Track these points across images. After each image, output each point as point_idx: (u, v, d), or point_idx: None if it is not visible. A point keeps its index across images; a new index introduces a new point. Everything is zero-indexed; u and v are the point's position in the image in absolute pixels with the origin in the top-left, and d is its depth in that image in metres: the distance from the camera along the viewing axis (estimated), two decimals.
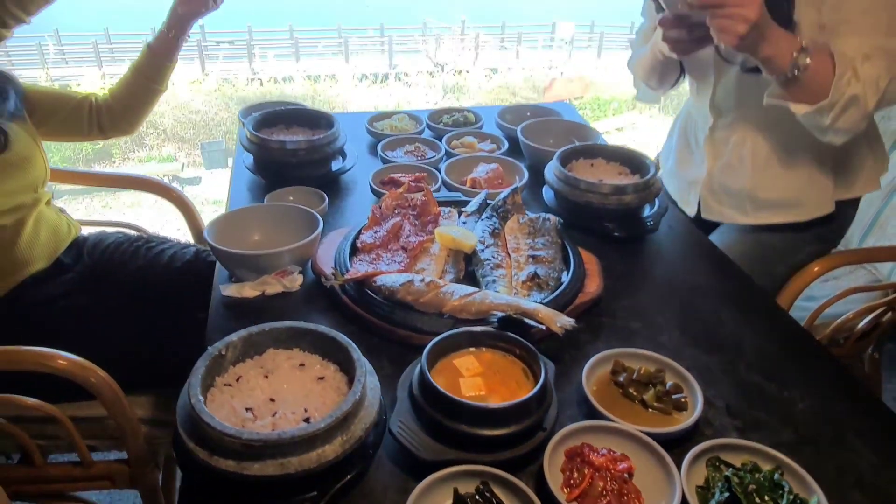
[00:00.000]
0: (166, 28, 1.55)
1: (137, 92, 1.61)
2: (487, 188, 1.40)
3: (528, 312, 0.96)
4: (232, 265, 1.14)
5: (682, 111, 1.67)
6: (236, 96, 13.72)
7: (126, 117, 1.64)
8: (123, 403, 1.21)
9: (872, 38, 1.13)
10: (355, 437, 0.75)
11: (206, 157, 12.07)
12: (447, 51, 15.87)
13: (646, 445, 0.82)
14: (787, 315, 1.15)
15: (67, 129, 1.62)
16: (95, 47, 16.09)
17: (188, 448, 0.72)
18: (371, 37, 18.72)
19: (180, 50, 1.59)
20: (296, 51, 17.41)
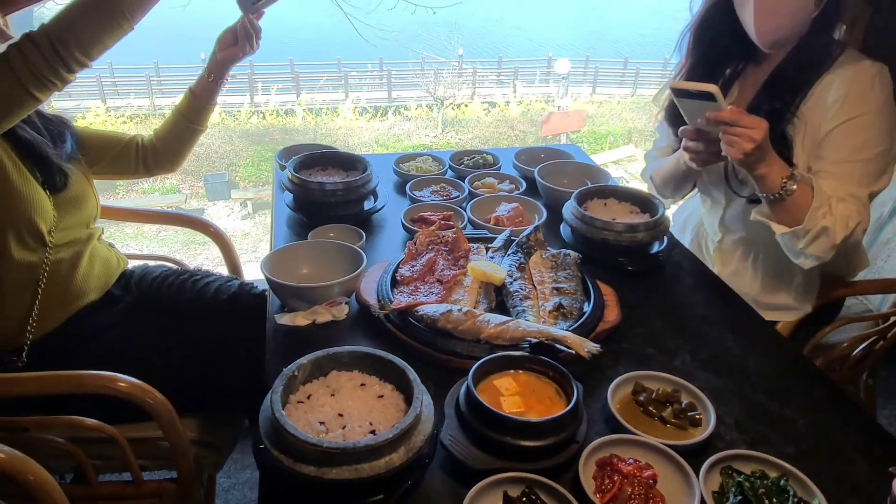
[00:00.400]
0: (206, 73, 1.68)
1: (180, 133, 1.74)
2: (510, 226, 1.53)
3: (558, 339, 1.08)
4: (286, 296, 1.26)
5: (690, 211, 1.84)
6: (238, 129, 13.97)
7: (169, 156, 1.77)
8: (177, 424, 1.31)
9: (847, 186, 1.33)
10: (416, 447, 0.86)
11: (209, 188, 12.24)
12: (445, 85, 16.18)
13: (667, 456, 0.93)
14: (787, 341, 1.27)
15: (116, 168, 1.75)
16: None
17: (273, 456, 0.84)
18: (370, 71, 19.07)
19: (219, 93, 1.73)
20: (296, 84, 17.70)
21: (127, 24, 1.29)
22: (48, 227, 1.41)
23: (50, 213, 1.42)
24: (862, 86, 1.36)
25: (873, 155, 1.34)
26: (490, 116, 15.81)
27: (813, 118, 1.40)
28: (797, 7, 1.35)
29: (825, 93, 1.39)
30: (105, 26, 1.27)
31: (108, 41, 1.29)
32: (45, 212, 1.41)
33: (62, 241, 1.46)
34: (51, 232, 1.43)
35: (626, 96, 18.28)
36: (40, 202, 1.39)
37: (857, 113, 1.35)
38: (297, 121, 14.99)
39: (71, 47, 1.24)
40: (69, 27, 1.24)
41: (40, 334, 1.46)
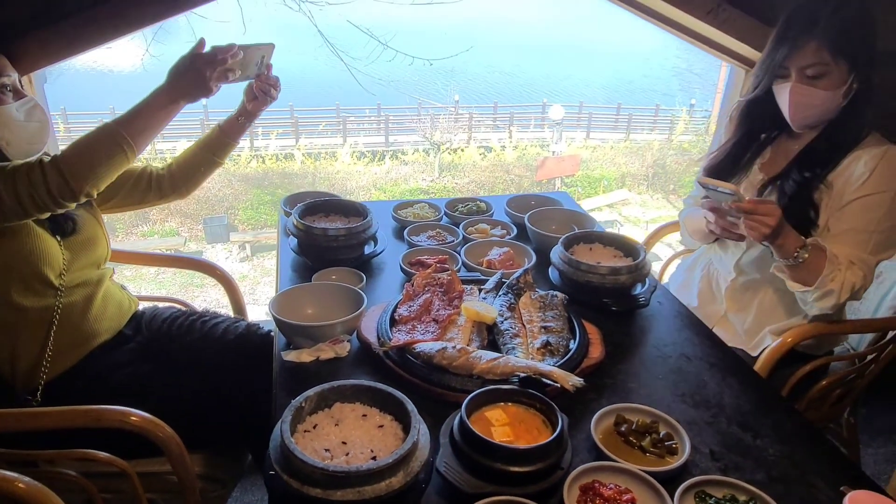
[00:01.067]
0: (237, 114, 1.79)
1: (201, 163, 1.83)
2: (501, 269, 1.62)
3: (544, 373, 1.17)
4: (292, 334, 1.35)
5: (701, 252, 2.00)
6: (238, 173, 14.17)
7: (186, 183, 1.85)
8: (186, 459, 1.37)
9: (859, 252, 1.52)
10: (413, 472, 0.94)
11: (208, 231, 12.37)
12: (442, 130, 16.51)
13: (645, 482, 1.01)
14: (760, 377, 1.36)
15: (130, 200, 1.83)
16: None
17: (283, 480, 0.91)
18: (368, 116, 19.44)
19: (244, 134, 1.84)
20: (296, 129, 18.02)
21: (132, 158, 1.44)
22: (57, 272, 1.49)
23: (59, 260, 1.50)
24: (888, 167, 1.53)
25: (886, 227, 1.53)
26: (486, 161, 16.09)
27: (838, 184, 1.58)
28: (826, 100, 1.54)
29: (853, 165, 1.57)
30: (114, 166, 1.41)
31: (115, 175, 1.44)
32: (54, 259, 1.49)
33: (73, 283, 1.54)
34: (61, 275, 1.51)
35: (620, 141, 18.64)
36: (48, 251, 1.47)
37: (879, 189, 1.53)
38: (295, 165, 15.23)
39: (84, 185, 1.36)
40: (85, 169, 1.36)
41: (54, 374, 1.54)
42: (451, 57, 6.00)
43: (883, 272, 2.01)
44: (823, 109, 1.57)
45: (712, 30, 2.15)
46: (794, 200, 1.59)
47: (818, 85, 1.53)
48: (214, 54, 1.46)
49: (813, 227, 1.60)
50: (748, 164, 1.77)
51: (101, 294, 1.64)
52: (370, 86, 6.75)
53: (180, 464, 1.37)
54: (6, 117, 1.46)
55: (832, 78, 1.52)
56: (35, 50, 1.76)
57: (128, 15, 1.82)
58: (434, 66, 11.62)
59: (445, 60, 6.11)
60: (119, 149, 1.39)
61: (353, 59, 5.14)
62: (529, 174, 14.90)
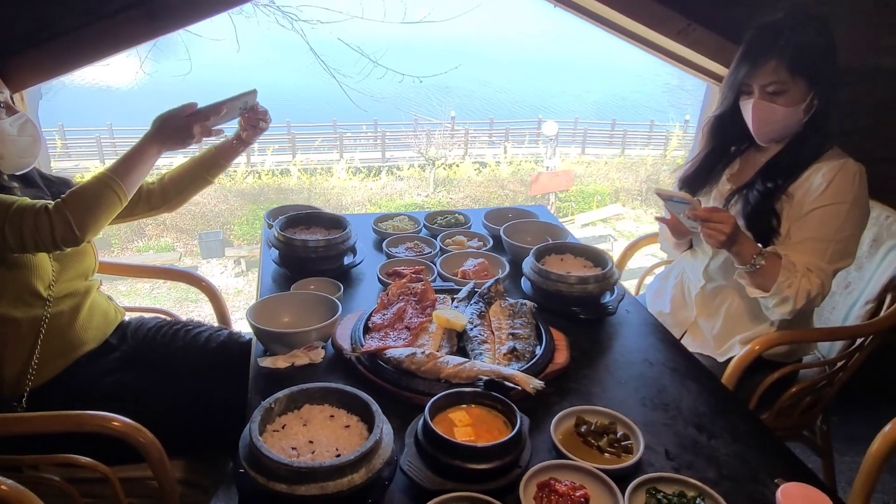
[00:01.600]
0: (233, 138, 1.85)
1: (193, 179, 1.87)
2: (475, 279, 1.68)
3: (507, 377, 1.22)
4: (268, 341, 1.40)
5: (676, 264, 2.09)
6: (234, 189, 14.25)
7: (177, 197, 1.89)
8: (166, 464, 1.41)
9: (817, 260, 1.59)
10: (375, 468, 0.98)
11: (203, 246, 12.41)
12: (437, 146, 16.63)
13: (600, 479, 1.06)
14: (719, 382, 1.41)
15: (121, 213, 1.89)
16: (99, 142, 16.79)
17: (250, 476, 0.96)
18: (365, 133, 19.57)
19: (237, 157, 1.90)
20: (293, 145, 18.12)
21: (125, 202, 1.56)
22: (46, 284, 1.55)
23: (49, 273, 1.55)
24: (844, 179, 1.61)
25: (843, 237, 1.60)
26: (481, 176, 16.19)
27: (798, 195, 1.66)
28: (787, 116, 1.62)
29: (812, 177, 1.65)
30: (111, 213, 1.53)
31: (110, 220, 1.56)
32: (44, 272, 1.54)
33: (62, 294, 1.59)
34: (50, 286, 1.56)
35: (614, 156, 18.79)
36: (38, 265, 1.53)
37: (837, 201, 1.60)
38: (291, 181, 15.31)
39: (87, 234, 1.47)
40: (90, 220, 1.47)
41: (40, 382, 1.58)
42: (440, 74, 6.10)
43: (851, 282, 2.07)
44: (785, 124, 1.65)
45: (685, 48, 2.22)
46: (756, 209, 1.67)
47: (778, 101, 1.61)
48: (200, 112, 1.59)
49: (775, 235, 1.67)
50: (718, 175, 1.85)
51: (88, 304, 1.68)
52: (365, 102, 6.85)
53: (160, 469, 1.41)
54: (0, 133, 1.52)
55: (791, 95, 1.60)
56: (27, 68, 1.82)
57: (118, 34, 1.88)
58: (430, 83, 11.72)
59: (440, 77, 6.22)
60: (115, 198, 1.51)
61: (344, 77, 5.23)
62: (524, 189, 15.00)
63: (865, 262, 2.03)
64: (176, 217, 12.94)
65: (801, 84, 1.59)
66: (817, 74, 1.59)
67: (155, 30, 1.92)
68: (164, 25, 1.92)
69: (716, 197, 1.84)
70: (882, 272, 1.93)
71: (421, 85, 5.97)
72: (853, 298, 2.03)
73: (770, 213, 1.67)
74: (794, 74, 1.58)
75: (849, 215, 1.60)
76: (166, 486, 1.44)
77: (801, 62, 1.57)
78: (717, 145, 1.85)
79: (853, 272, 2.07)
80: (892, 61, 2.36)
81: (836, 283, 2.13)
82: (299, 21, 4.68)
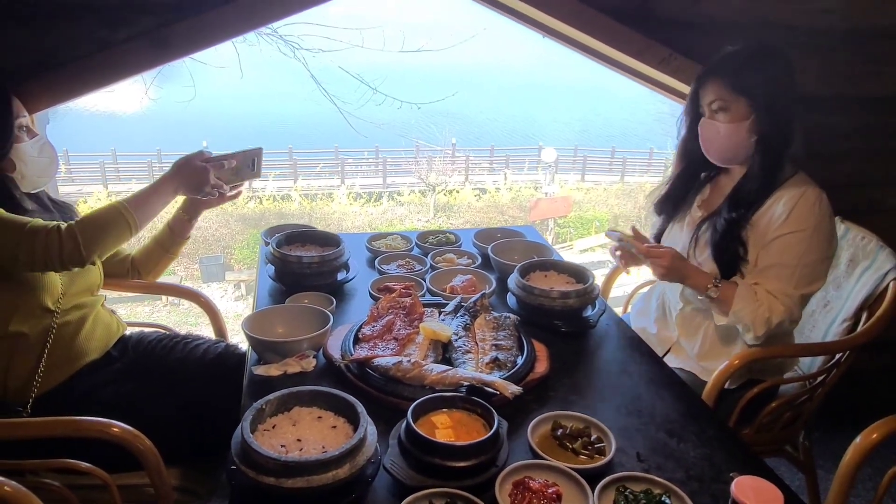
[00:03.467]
0: (183, 211, 1.95)
1: (156, 258, 2.00)
2: (462, 294, 1.75)
3: (487, 383, 1.29)
4: (262, 350, 1.47)
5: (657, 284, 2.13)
6: (236, 213, 14.38)
7: (148, 274, 2.03)
8: (162, 470, 1.47)
9: (783, 286, 1.66)
10: (359, 465, 1.05)
11: (204, 270, 12.49)
12: (437, 172, 16.80)
13: (572, 478, 1.12)
14: (691, 391, 1.47)
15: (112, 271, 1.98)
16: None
17: (241, 470, 1.02)
18: (366, 158, 19.79)
19: (192, 229, 2.00)
20: (294, 171, 18.32)
21: (134, 234, 1.64)
22: (55, 298, 1.63)
23: (58, 287, 1.64)
24: (804, 206, 1.67)
25: (808, 262, 1.65)
26: (481, 202, 16.35)
27: (762, 223, 1.71)
28: (731, 133, 1.70)
29: (774, 205, 1.70)
30: (120, 241, 1.62)
31: (117, 247, 1.66)
32: (54, 287, 1.63)
33: (69, 306, 1.67)
34: (59, 300, 1.64)
35: (614, 183, 18.95)
36: (48, 281, 1.61)
37: (798, 228, 1.66)
38: (293, 206, 15.46)
39: (92, 256, 1.54)
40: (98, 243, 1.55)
41: (44, 390, 1.64)
42: (437, 101, 6.24)
43: (830, 301, 2.13)
44: (732, 142, 1.71)
45: (667, 77, 2.32)
46: (723, 238, 1.73)
47: (720, 118, 1.70)
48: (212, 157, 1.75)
49: (742, 262, 1.74)
50: (690, 201, 1.92)
51: (93, 317, 1.76)
52: (366, 129, 6.98)
53: (157, 475, 1.46)
54: (23, 153, 1.65)
55: (733, 112, 1.68)
56: (40, 93, 1.91)
57: (126, 62, 1.97)
58: (432, 110, 11.88)
59: (441, 104, 6.37)
60: (126, 226, 1.59)
61: (344, 103, 5.37)
62: (523, 215, 15.12)
63: (843, 281, 2.10)
64: None
65: (742, 100, 1.67)
66: (755, 92, 1.66)
67: (161, 57, 2.02)
68: (169, 53, 2.02)
69: (689, 223, 1.90)
70: (858, 291, 2.00)
71: (423, 112, 6.12)
72: (832, 316, 2.10)
73: (736, 240, 1.73)
74: (735, 91, 1.67)
75: (811, 241, 1.66)
76: (162, 492, 1.49)
77: (740, 79, 1.66)
78: (685, 168, 1.93)
79: (832, 291, 2.14)
80: (865, 89, 2.46)
81: (815, 302, 2.20)
82: (301, 50, 4.82)
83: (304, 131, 22.85)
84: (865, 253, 2.04)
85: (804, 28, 2.34)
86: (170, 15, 1.92)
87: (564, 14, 2.18)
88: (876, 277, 1.94)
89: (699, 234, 1.82)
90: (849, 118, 2.49)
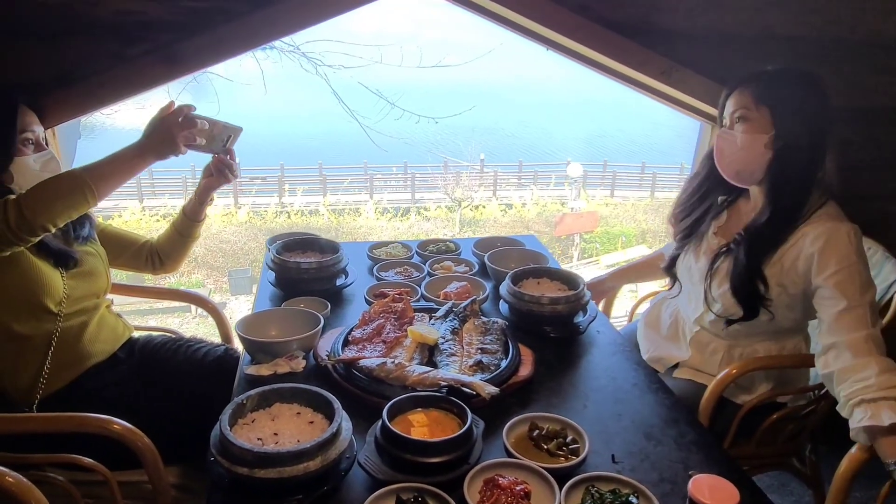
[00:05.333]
0: (195, 195, 2.00)
1: (175, 243, 2.05)
2: (456, 300, 1.78)
3: (465, 384, 1.32)
4: (253, 350, 1.51)
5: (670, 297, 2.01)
6: (265, 228, 14.64)
7: (169, 261, 2.08)
8: (160, 467, 1.51)
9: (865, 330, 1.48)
10: (331, 458, 1.08)
11: (232, 283, 12.71)
12: (465, 187, 16.89)
13: (543, 477, 1.14)
14: (672, 394, 1.48)
15: (129, 264, 2.07)
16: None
17: (217, 460, 1.07)
18: (395, 174, 19.99)
19: (205, 211, 2.04)
20: (323, 186, 18.59)
21: (94, 202, 1.59)
22: (57, 301, 1.68)
23: (59, 290, 1.68)
24: (839, 242, 1.54)
25: (869, 295, 1.52)
26: (507, 217, 16.36)
27: (787, 261, 1.61)
28: (746, 144, 1.61)
29: (802, 241, 1.59)
30: (73, 205, 1.55)
31: (74, 214, 1.58)
32: (55, 290, 1.67)
33: (72, 310, 1.72)
34: (61, 303, 1.69)
35: (643, 198, 18.80)
36: (49, 283, 1.66)
37: (845, 264, 1.52)
38: (321, 220, 15.67)
39: (38, 218, 1.49)
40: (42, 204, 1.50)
41: (50, 391, 1.70)
42: (455, 115, 6.31)
43: None
44: (747, 155, 1.61)
45: (671, 89, 2.33)
46: (743, 275, 1.64)
47: (738, 129, 1.62)
48: (181, 112, 1.68)
49: (761, 301, 1.65)
50: (706, 226, 1.82)
51: (96, 320, 1.82)
52: (391, 144, 7.08)
53: (155, 472, 1.51)
54: (23, 167, 1.68)
55: (754, 123, 1.60)
56: (57, 107, 2.00)
57: (140, 76, 2.05)
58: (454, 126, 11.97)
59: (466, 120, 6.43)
60: (80, 192, 1.55)
61: (363, 117, 5.47)
62: (549, 230, 15.09)
63: None
64: (207, 254, 13.33)
65: (765, 112, 1.59)
66: (779, 104, 1.58)
67: (174, 72, 2.10)
68: (182, 68, 2.10)
69: (705, 251, 1.79)
70: None
71: (447, 128, 6.17)
72: None
73: (757, 275, 1.63)
74: (758, 102, 1.59)
75: (861, 273, 1.54)
76: (160, 488, 1.54)
77: (765, 90, 1.59)
78: (704, 188, 1.84)
79: None
80: (883, 100, 2.43)
81: None
82: (322, 65, 4.94)
83: (334, 147, 23.17)
84: (871, 263, 1.99)
85: (811, 39, 2.33)
86: (182, 31, 2.00)
87: (567, 29, 2.20)
88: (881, 289, 1.88)
89: (717, 266, 1.72)
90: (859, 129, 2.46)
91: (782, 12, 2.28)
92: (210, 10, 1.99)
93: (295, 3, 1.99)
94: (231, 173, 1.93)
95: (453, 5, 2.27)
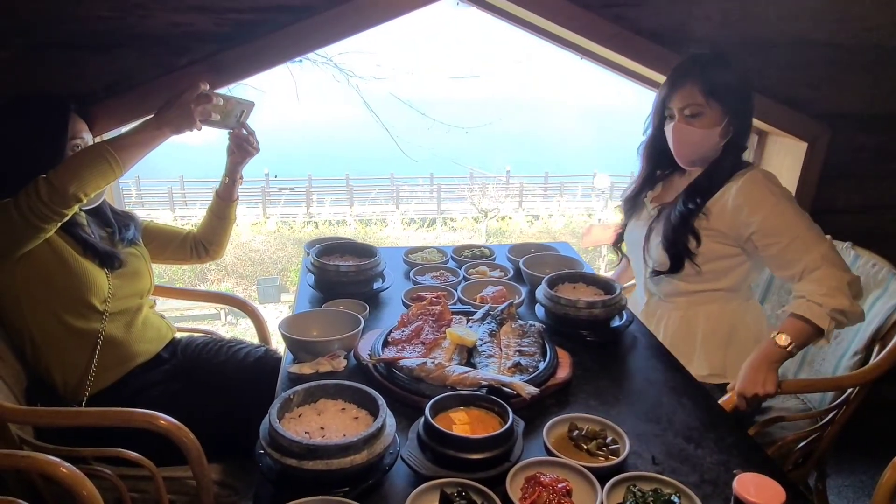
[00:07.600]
0: (224, 176, 2.10)
1: (215, 227, 2.14)
2: (492, 304, 1.80)
3: (505, 383, 1.33)
4: (296, 349, 1.55)
5: None
6: (293, 237, 14.80)
7: (212, 247, 2.17)
8: (204, 463, 1.56)
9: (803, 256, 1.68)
10: (376, 452, 1.11)
11: (261, 292, 12.85)
12: (491, 198, 16.90)
13: (583, 475, 1.15)
14: (713, 399, 1.48)
15: (175, 257, 2.15)
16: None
17: (267, 452, 1.10)
18: (421, 185, 20.09)
19: (237, 190, 2.13)
20: (350, 197, 18.76)
21: (119, 171, 1.68)
22: (102, 299, 1.75)
23: (105, 290, 1.76)
24: (755, 186, 1.74)
25: (805, 224, 1.70)
26: (533, 228, 16.32)
27: (714, 210, 1.79)
28: (704, 138, 1.78)
29: (727, 193, 1.78)
30: (100, 174, 1.64)
31: (102, 183, 1.66)
32: (100, 289, 1.75)
33: (117, 309, 1.80)
34: (106, 301, 1.76)
35: None
36: (94, 282, 1.73)
37: (768, 204, 1.71)
38: (348, 230, 15.81)
39: (69, 187, 1.58)
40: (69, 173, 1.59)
41: (97, 389, 1.77)
42: (484, 125, 6.36)
43: (840, 332, 1.94)
44: (704, 147, 1.79)
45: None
46: (676, 229, 1.81)
47: (695, 124, 1.76)
48: (197, 87, 1.80)
49: (689, 255, 1.81)
50: (645, 200, 2.00)
51: (141, 320, 1.88)
52: (419, 154, 7.14)
53: (199, 468, 1.55)
54: None
55: (707, 117, 1.75)
56: (105, 115, 2.08)
57: (185, 86, 2.13)
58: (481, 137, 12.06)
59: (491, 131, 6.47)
60: (104, 160, 1.63)
61: (392, 126, 5.54)
62: (576, 241, 14.98)
63: None
64: (237, 263, 13.52)
65: (716, 107, 1.74)
66: (730, 99, 1.74)
67: (217, 81, 2.15)
68: (226, 78, 2.16)
69: (644, 217, 1.98)
70: (869, 321, 1.85)
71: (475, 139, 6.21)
72: (843, 349, 1.96)
73: (689, 231, 1.79)
74: (708, 97, 1.73)
75: (787, 207, 1.71)
76: (203, 484, 1.58)
77: (714, 86, 1.73)
78: (652, 169, 2.00)
79: None
80: (884, 108, 2.42)
81: None
82: (354, 77, 5.02)
83: (361, 158, 23.40)
84: (877, 281, 1.91)
85: (848, 46, 2.32)
86: (226, 42, 2.06)
87: (602, 38, 2.22)
88: (889, 307, 1.82)
89: (652, 227, 1.90)
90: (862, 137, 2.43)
91: (819, 20, 2.27)
92: (253, 22, 2.05)
93: (332, 14, 2.05)
94: (251, 147, 2.02)
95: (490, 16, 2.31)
